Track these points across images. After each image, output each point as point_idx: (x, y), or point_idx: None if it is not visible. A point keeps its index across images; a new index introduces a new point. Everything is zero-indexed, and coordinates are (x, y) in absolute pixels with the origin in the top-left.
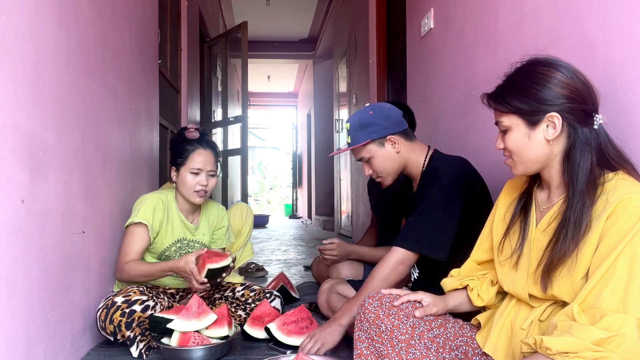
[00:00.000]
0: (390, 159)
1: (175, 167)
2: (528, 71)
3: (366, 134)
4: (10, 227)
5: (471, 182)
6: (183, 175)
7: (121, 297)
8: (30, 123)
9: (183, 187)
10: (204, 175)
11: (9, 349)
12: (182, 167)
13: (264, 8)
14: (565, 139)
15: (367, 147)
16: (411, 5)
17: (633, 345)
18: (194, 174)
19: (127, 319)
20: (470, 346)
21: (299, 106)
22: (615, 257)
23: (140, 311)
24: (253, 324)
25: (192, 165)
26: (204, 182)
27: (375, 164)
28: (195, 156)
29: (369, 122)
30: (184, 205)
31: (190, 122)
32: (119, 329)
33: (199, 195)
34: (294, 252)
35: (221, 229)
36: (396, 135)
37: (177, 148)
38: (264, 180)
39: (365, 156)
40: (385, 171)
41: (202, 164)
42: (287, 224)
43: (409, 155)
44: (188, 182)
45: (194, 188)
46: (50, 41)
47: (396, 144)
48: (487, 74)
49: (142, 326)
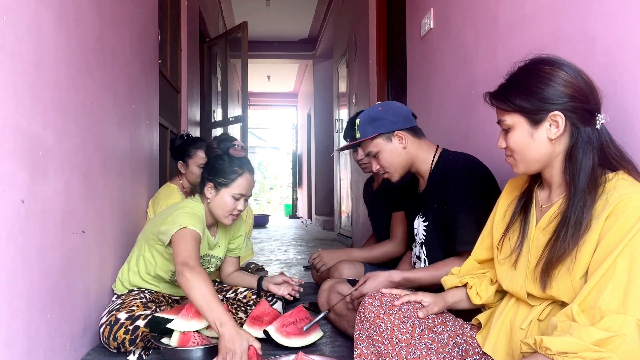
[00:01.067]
0: (397, 154)
1: (214, 185)
2: (531, 70)
3: (374, 127)
4: (10, 227)
5: (487, 175)
6: (224, 198)
7: (124, 313)
8: (30, 123)
9: (219, 209)
10: (242, 200)
11: (9, 349)
12: (225, 189)
13: (264, 8)
14: (568, 138)
15: (375, 141)
16: (411, 5)
17: (633, 346)
18: (235, 199)
19: (130, 336)
20: (470, 345)
21: (299, 106)
22: (614, 258)
23: (144, 326)
24: (252, 324)
25: (236, 190)
26: (241, 208)
27: (382, 158)
28: (243, 181)
29: (377, 117)
30: (209, 220)
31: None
32: (123, 345)
33: (232, 218)
34: (294, 252)
35: (239, 237)
36: (404, 131)
37: (221, 166)
38: (264, 180)
39: (372, 150)
40: (392, 166)
41: (246, 190)
42: (287, 224)
43: (416, 152)
44: (227, 204)
45: (231, 212)
46: (50, 41)
47: (403, 139)
48: (487, 74)
49: (146, 339)
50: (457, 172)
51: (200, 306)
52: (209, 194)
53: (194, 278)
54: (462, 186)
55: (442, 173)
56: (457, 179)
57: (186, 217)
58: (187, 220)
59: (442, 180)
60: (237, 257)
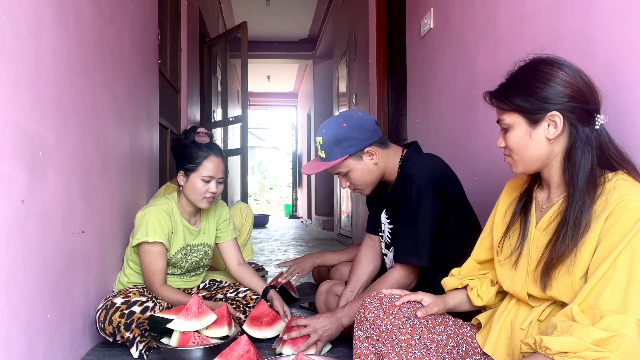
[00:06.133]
0: (369, 171)
1: (184, 172)
2: (531, 69)
3: (342, 149)
4: (10, 227)
5: (445, 181)
6: (194, 182)
7: (120, 298)
8: (30, 123)
9: (192, 193)
10: (214, 182)
11: (9, 349)
12: (193, 174)
13: (264, 8)
14: (567, 138)
15: (345, 163)
16: (411, 5)
17: (633, 346)
18: (205, 182)
19: (126, 320)
20: (470, 345)
21: (298, 106)
22: (614, 258)
23: (139, 312)
24: (252, 324)
25: (204, 172)
26: (214, 190)
27: (354, 177)
28: (207, 163)
29: (343, 137)
30: (187, 208)
31: (195, 124)
32: (118, 330)
33: (207, 201)
34: (294, 252)
35: (224, 222)
36: (373, 146)
37: (187, 153)
38: (263, 180)
39: (342, 171)
40: (364, 183)
41: (214, 172)
42: (287, 224)
43: (385, 164)
44: (199, 188)
45: (204, 195)
46: (50, 41)
47: (374, 155)
48: (487, 74)
49: (142, 327)
50: (409, 178)
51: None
52: (181, 181)
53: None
54: (408, 196)
55: (401, 177)
56: (409, 188)
57: (145, 229)
58: (148, 234)
59: (401, 184)
60: (231, 241)
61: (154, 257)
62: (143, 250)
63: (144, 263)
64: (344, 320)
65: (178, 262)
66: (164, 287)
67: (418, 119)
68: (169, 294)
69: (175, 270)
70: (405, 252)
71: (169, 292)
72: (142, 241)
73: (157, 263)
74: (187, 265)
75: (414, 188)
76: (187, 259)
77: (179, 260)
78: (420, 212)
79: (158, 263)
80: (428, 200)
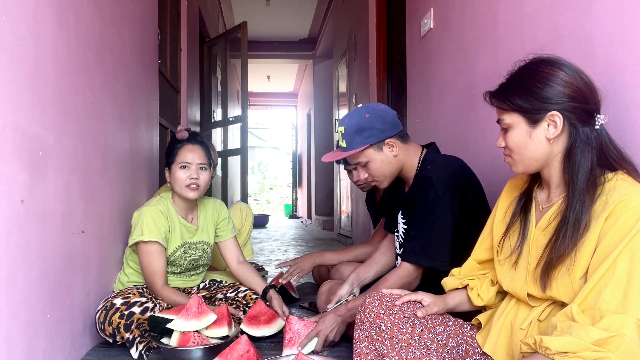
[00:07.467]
0: (388, 163)
1: (168, 167)
2: (531, 69)
3: (363, 138)
4: (10, 227)
5: (464, 183)
6: (174, 172)
7: (120, 298)
8: (30, 123)
9: (175, 183)
10: (193, 168)
11: (9, 349)
12: (173, 165)
13: (264, 8)
14: (566, 138)
15: (365, 152)
16: (411, 5)
17: (632, 346)
18: (183, 168)
19: (125, 321)
20: (470, 345)
21: (298, 106)
22: (614, 258)
23: (139, 313)
24: (250, 323)
25: (180, 159)
26: (194, 176)
27: (373, 168)
28: (183, 151)
29: (365, 126)
30: (181, 205)
31: (195, 124)
32: (118, 330)
33: (191, 189)
34: (294, 252)
35: (223, 221)
36: (394, 138)
37: (168, 148)
38: (263, 180)
39: (362, 161)
40: (382, 175)
41: (190, 158)
42: (287, 224)
43: (405, 158)
44: (179, 177)
45: (185, 182)
46: (50, 41)
47: (394, 147)
48: (487, 74)
49: (141, 328)
50: (428, 182)
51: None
52: (167, 178)
53: (164, 293)
54: (425, 196)
55: (420, 179)
56: (427, 188)
57: (140, 229)
58: (143, 233)
59: (419, 186)
60: (232, 239)
61: (152, 257)
62: (141, 251)
63: (144, 264)
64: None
65: (177, 260)
66: (166, 288)
67: (418, 119)
68: (170, 295)
69: (174, 268)
70: (414, 252)
71: (170, 293)
72: (138, 240)
73: (156, 263)
74: (186, 263)
75: (431, 190)
76: (185, 257)
77: (177, 258)
78: (436, 215)
79: (157, 263)
80: (445, 204)
